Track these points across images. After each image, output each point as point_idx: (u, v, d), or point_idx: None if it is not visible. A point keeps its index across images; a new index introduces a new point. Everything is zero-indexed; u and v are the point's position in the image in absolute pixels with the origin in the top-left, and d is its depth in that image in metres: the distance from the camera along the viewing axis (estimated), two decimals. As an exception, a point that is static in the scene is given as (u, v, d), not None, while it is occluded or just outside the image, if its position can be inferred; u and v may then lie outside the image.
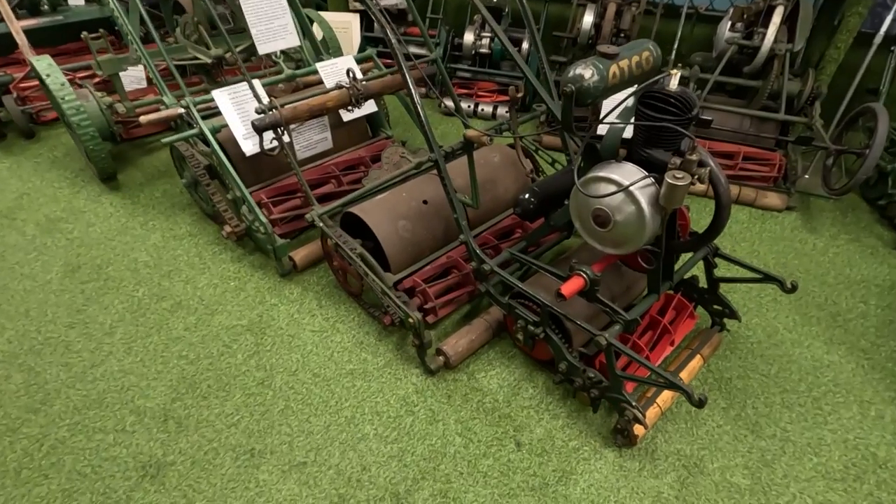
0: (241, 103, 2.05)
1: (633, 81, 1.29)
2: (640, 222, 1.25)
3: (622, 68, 1.24)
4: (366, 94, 2.10)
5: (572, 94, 1.19)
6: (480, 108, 3.20)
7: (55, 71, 2.23)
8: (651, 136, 1.24)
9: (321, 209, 1.87)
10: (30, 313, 1.88)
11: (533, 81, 1.78)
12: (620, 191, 1.21)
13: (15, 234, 2.25)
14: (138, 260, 2.12)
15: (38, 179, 2.61)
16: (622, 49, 1.26)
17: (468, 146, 1.65)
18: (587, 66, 1.19)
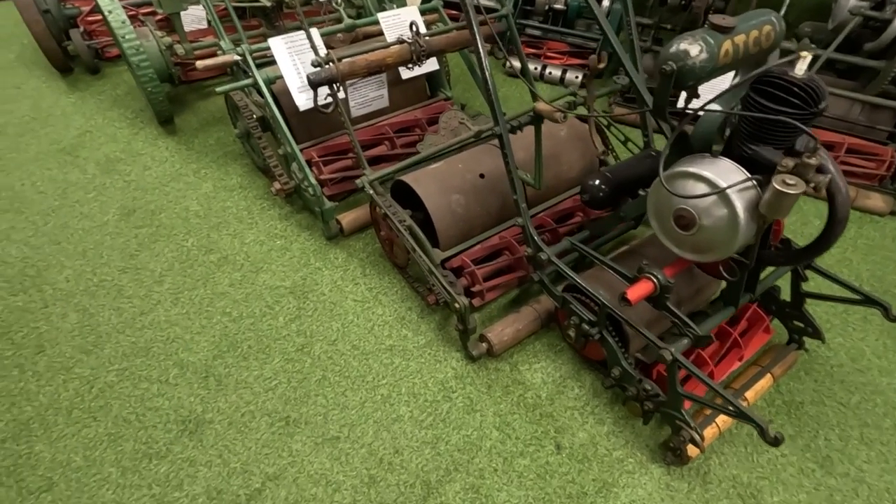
0: (298, 53, 1.95)
1: (746, 61, 1.09)
2: (731, 230, 1.08)
3: (737, 45, 1.04)
4: (429, 50, 1.94)
5: (672, 74, 1.01)
6: (548, 70, 2.96)
7: (117, 7, 2.19)
8: (760, 130, 1.05)
9: (372, 174, 1.77)
10: (86, 254, 1.92)
11: (616, 47, 1.58)
12: (716, 193, 1.05)
13: (77, 171, 2.30)
14: (189, 209, 2.12)
15: (100, 117, 2.63)
16: (739, 20, 1.06)
17: (537, 120, 1.49)
18: (694, 40, 1.00)
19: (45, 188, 2.21)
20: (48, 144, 2.45)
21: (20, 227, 2.02)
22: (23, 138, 2.49)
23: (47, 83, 2.89)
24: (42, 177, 2.26)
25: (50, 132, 2.53)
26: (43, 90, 2.83)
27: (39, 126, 2.57)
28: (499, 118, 1.41)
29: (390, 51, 1.88)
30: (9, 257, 1.90)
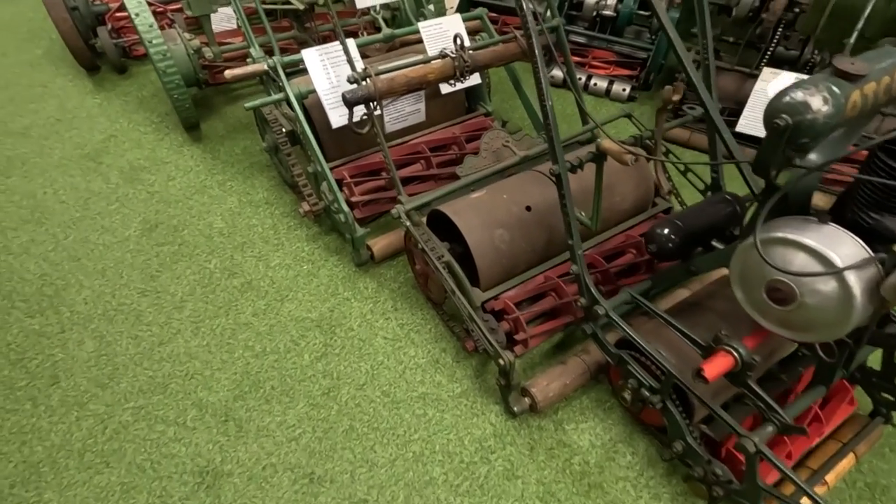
0: (333, 65, 1.81)
1: (874, 111, 0.91)
2: (842, 313, 0.91)
3: (866, 95, 0.86)
4: (473, 66, 1.79)
5: (786, 130, 0.85)
6: (593, 81, 2.76)
7: (144, 10, 2.08)
8: (888, 197, 0.88)
9: (409, 202, 1.64)
10: (106, 273, 1.83)
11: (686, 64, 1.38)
12: (831, 274, 0.88)
13: (100, 180, 2.21)
14: (213, 225, 2.02)
15: (126, 120, 2.55)
16: (869, 62, 0.88)
17: (599, 158, 1.33)
18: (817, 90, 0.83)
19: (67, 197, 2.13)
20: (72, 149, 2.37)
21: (40, 241, 1.95)
22: (47, 141, 2.41)
23: (73, 82, 2.81)
24: (64, 184, 2.18)
25: (74, 135, 2.45)
26: (69, 89, 2.76)
27: (64, 129, 2.49)
28: (559, 156, 1.26)
29: (432, 66, 1.73)
30: (27, 273, 1.82)
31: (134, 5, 2.07)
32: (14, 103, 2.66)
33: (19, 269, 1.84)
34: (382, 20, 1.98)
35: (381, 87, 1.63)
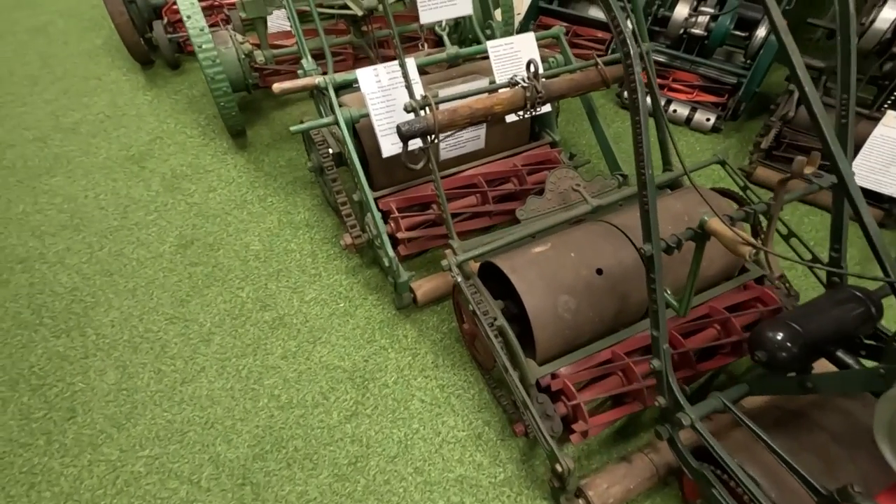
0: (389, 88, 1.63)
1: None
2: None
3: None
4: (547, 97, 1.57)
5: None
6: (673, 108, 2.47)
7: (197, 13, 1.96)
8: None
9: (461, 252, 1.45)
10: (136, 293, 1.74)
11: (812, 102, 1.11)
12: None
13: (141, 186, 2.13)
14: (250, 247, 1.89)
15: (173, 121, 2.46)
16: None
17: (701, 238, 1.09)
18: None
19: (107, 203, 2.05)
20: (118, 149, 2.31)
21: (76, 250, 1.88)
22: (94, 139, 2.36)
23: (127, 76, 2.76)
24: (106, 189, 2.12)
25: (122, 135, 2.38)
26: (122, 84, 2.71)
27: (112, 127, 2.43)
28: (653, 235, 1.03)
29: (500, 97, 1.52)
30: (59, 286, 1.75)
31: (186, 7, 1.96)
32: (68, 96, 2.63)
33: (52, 280, 1.77)
34: (448, 39, 1.78)
35: (440, 119, 1.43)
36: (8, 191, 2.11)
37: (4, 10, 3.37)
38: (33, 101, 2.58)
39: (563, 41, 1.90)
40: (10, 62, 2.88)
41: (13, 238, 1.91)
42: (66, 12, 3.34)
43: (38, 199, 2.07)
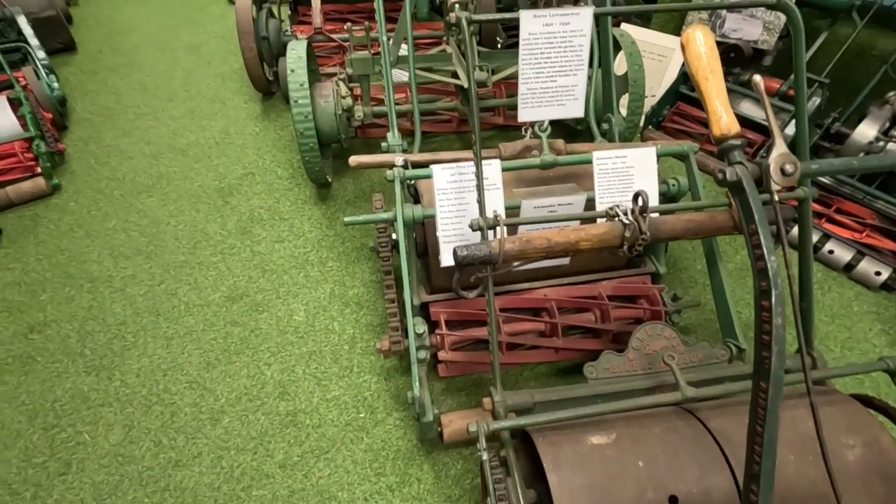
0: (463, 190, 1.41)
1: None
2: None
3: None
4: (654, 238, 1.24)
5: None
6: (829, 247, 1.95)
7: (301, 66, 1.92)
8: None
9: (501, 414, 1.17)
10: (171, 343, 1.69)
11: None
12: None
13: (218, 223, 2.14)
14: (293, 317, 1.78)
15: (270, 158, 2.49)
16: None
17: None
18: None
19: (182, 234, 2.08)
20: (212, 179, 2.37)
21: (140, 279, 1.90)
22: (197, 164, 2.45)
23: (247, 104, 2.88)
24: (187, 219, 2.15)
25: (221, 164, 2.45)
26: (239, 111, 2.83)
27: (216, 154, 2.52)
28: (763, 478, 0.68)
29: (590, 231, 1.23)
30: (111, 316, 1.77)
31: (293, 60, 1.93)
32: (192, 116, 2.79)
33: (108, 308, 1.80)
34: (545, 141, 1.52)
35: (508, 249, 1.18)
36: (110, 203, 2.24)
37: (174, 27, 3.77)
38: (163, 118, 2.78)
39: (693, 162, 1.54)
40: (161, 76, 3.16)
41: (94, 254, 2.00)
42: (222, 34, 3.64)
43: (130, 217, 2.17)
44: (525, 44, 1.32)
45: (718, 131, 0.66)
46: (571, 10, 1.30)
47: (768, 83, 2.39)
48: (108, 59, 3.33)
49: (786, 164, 0.61)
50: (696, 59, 0.68)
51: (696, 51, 0.68)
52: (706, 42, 0.68)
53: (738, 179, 0.62)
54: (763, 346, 0.64)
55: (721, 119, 0.66)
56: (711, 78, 0.67)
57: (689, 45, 0.69)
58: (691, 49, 0.69)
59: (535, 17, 1.30)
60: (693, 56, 0.68)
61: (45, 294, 1.84)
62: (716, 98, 0.66)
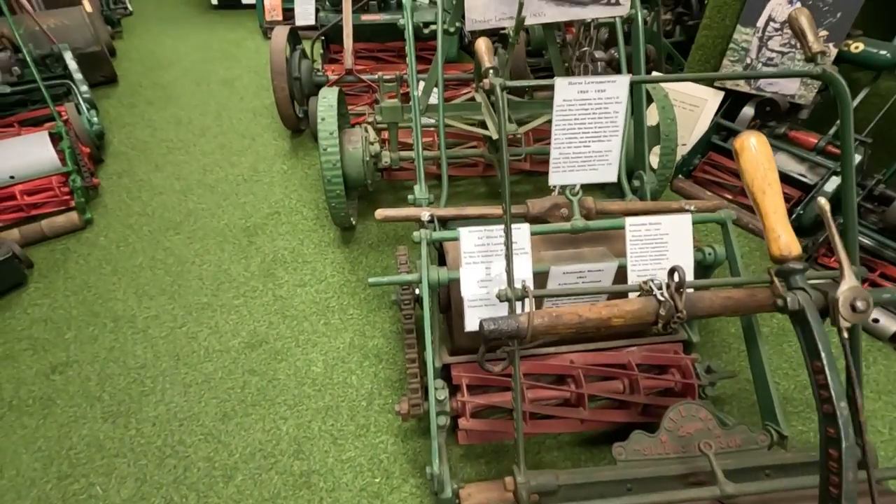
0: (490, 254, 1.38)
1: None
2: None
3: None
4: (690, 315, 1.18)
5: None
6: (873, 316, 1.85)
7: (331, 115, 1.94)
8: None
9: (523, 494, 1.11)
10: (189, 390, 1.68)
11: None
12: None
13: (241, 264, 2.15)
14: (311, 367, 1.75)
15: (296, 197, 2.51)
16: None
17: None
18: None
19: (206, 274, 2.09)
20: (238, 217, 2.39)
21: (162, 321, 1.91)
22: (225, 202, 2.48)
23: (276, 141, 2.93)
24: (212, 258, 2.17)
25: (248, 202, 2.48)
26: (268, 148, 2.87)
27: (244, 192, 2.55)
28: None
29: (622, 307, 1.17)
30: (131, 359, 1.77)
31: (324, 108, 1.95)
32: (223, 151, 2.85)
33: (129, 349, 1.80)
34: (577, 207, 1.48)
35: (537, 324, 1.13)
36: (139, 239, 2.27)
37: (211, 61, 3.89)
38: (194, 152, 2.84)
39: (731, 231, 1.48)
40: (194, 110, 3.25)
41: (120, 292, 2.02)
42: (255, 69, 3.74)
43: (157, 254, 2.19)
44: (559, 110, 1.30)
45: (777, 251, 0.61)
46: (608, 78, 1.28)
47: (805, 137, 2.32)
48: (147, 92, 3.44)
49: (857, 301, 0.56)
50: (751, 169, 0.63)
51: (751, 159, 0.64)
52: (762, 150, 0.64)
53: (800, 308, 0.57)
54: (832, 499, 0.57)
55: (780, 238, 0.61)
56: (769, 192, 0.63)
57: (743, 152, 0.65)
58: (746, 157, 0.64)
59: (570, 85, 1.28)
60: (748, 165, 0.64)
61: (69, 332, 1.86)
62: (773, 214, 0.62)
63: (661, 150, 2.08)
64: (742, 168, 0.66)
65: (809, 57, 1.32)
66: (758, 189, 0.63)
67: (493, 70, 1.29)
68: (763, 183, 0.63)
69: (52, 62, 2.96)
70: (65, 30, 3.18)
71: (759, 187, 0.63)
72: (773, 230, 0.62)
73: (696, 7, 2.97)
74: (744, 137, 0.66)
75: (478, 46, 1.37)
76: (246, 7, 4.70)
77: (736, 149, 0.67)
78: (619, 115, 1.32)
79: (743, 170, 0.66)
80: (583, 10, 1.74)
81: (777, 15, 2.19)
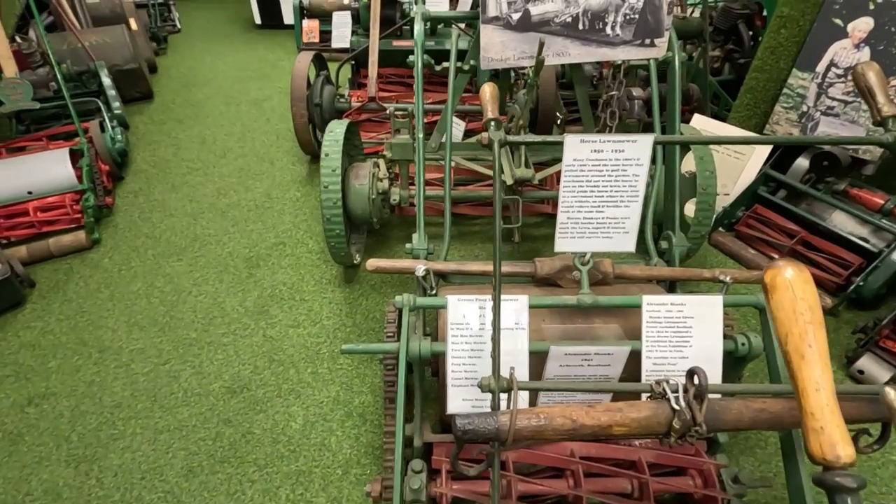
0: (484, 327, 1.20)
1: None
2: None
3: None
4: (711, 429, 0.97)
5: None
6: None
7: (335, 150, 1.84)
8: None
9: None
10: (159, 437, 1.57)
11: None
12: None
13: (237, 298, 2.06)
14: (290, 423, 1.61)
15: (304, 227, 2.42)
16: None
17: None
18: None
19: (199, 307, 2.01)
20: (243, 246, 2.31)
21: (147, 356, 1.82)
22: (233, 228, 2.42)
23: (294, 166, 2.87)
24: (209, 290, 2.09)
25: (255, 230, 2.40)
26: (285, 173, 2.81)
27: (254, 218, 2.48)
28: None
29: (627, 414, 0.98)
30: (108, 397, 1.69)
31: (329, 143, 1.85)
32: (240, 175, 2.81)
33: (109, 384, 1.72)
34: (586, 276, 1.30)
35: (519, 427, 0.95)
36: (141, 263, 2.22)
37: (245, 80, 3.92)
38: (212, 174, 2.81)
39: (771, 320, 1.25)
40: (221, 129, 3.25)
41: (112, 320, 1.96)
42: (286, 90, 3.73)
43: (156, 281, 2.13)
44: (569, 170, 1.13)
45: (818, 451, 0.42)
46: (627, 137, 1.10)
47: (869, 196, 2.05)
48: (179, 110, 3.48)
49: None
50: (785, 319, 0.44)
51: (786, 304, 0.44)
52: (803, 290, 0.44)
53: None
54: None
55: (823, 433, 0.41)
56: (809, 356, 0.43)
57: (775, 291, 0.46)
58: (780, 299, 0.45)
59: (582, 143, 1.11)
60: (781, 312, 0.44)
61: (54, 361, 1.80)
62: (814, 392, 0.42)
63: (697, 205, 1.86)
64: (774, 314, 0.47)
65: (878, 121, 1.11)
66: (793, 349, 0.44)
67: (495, 122, 1.14)
68: (801, 343, 0.43)
69: (87, 78, 3.02)
70: (105, 47, 3.26)
71: (794, 347, 0.43)
72: (815, 417, 0.42)
73: (749, 44, 2.73)
74: (777, 270, 0.46)
75: (482, 93, 1.22)
76: (287, 27, 4.76)
77: (766, 284, 0.48)
78: (639, 178, 1.14)
79: (775, 316, 0.47)
80: (612, 50, 1.56)
81: (840, 60, 1.94)
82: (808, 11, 1.92)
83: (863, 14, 1.82)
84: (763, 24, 2.77)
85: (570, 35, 1.55)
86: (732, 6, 2.72)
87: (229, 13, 5.40)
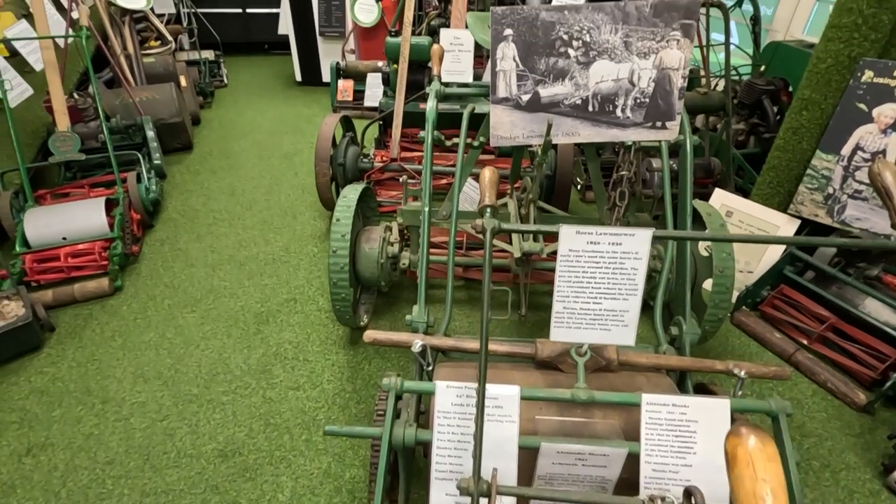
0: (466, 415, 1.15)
1: None
2: None
3: None
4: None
5: None
6: None
7: (346, 216, 1.87)
8: None
9: None
10: (144, 501, 1.54)
11: None
12: None
13: (241, 355, 2.06)
14: (276, 496, 1.56)
15: (317, 283, 2.44)
16: None
17: None
18: None
19: (204, 363, 2.02)
20: (255, 301, 2.34)
21: (148, 409, 1.83)
22: (249, 282, 2.46)
23: (314, 221, 2.94)
24: (215, 345, 2.10)
25: (268, 285, 2.44)
26: (305, 228, 2.88)
27: (269, 273, 2.53)
28: None
29: (615, 535, 0.90)
30: (102, 452, 1.69)
31: (341, 209, 1.89)
32: (261, 227, 2.89)
33: (106, 439, 1.73)
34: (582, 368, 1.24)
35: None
36: (157, 313, 2.28)
37: (280, 134, 4.12)
38: (236, 225, 2.91)
39: (784, 429, 1.15)
40: (251, 181, 3.39)
41: (119, 370, 1.99)
42: (316, 145, 3.89)
43: (167, 332, 2.17)
44: (564, 260, 1.10)
45: None
46: (625, 230, 1.08)
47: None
48: (214, 161, 3.66)
49: None
50: (745, 497, 0.39)
51: (747, 481, 0.40)
52: (766, 468, 0.39)
53: None
54: None
55: None
56: None
57: (736, 463, 0.41)
58: (741, 473, 0.40)
59: (577, 234, 1.09)
60: (742, 488, 0.40)
61: (58, 409, 1.83)
62: None
63: (713, 288, 1.78)
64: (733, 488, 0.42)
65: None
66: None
67: (490, 210, 1.13)
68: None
69: (133, 131, 3.23)
70: (154, 103, 3.51)
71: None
72: None
73: (774, 119, 2.70)
74: (738, 439, 0.41)
75: (482, 177, 1.23)
76: (325, 84, 5.02)
77: (727, 451, 0.43)
78: (637, 272, 1.10)
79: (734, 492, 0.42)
80: (622, 132, 1.56)
81: (867, 144, 1.88)
82: (831, 95, 1.89)
83: (888, 100, 1.78)
84: (789, 99, 2.74)
85: (579, 116, 1.56)
86: (756, 81, 2.71)
87: (274, 70, 5.76)
